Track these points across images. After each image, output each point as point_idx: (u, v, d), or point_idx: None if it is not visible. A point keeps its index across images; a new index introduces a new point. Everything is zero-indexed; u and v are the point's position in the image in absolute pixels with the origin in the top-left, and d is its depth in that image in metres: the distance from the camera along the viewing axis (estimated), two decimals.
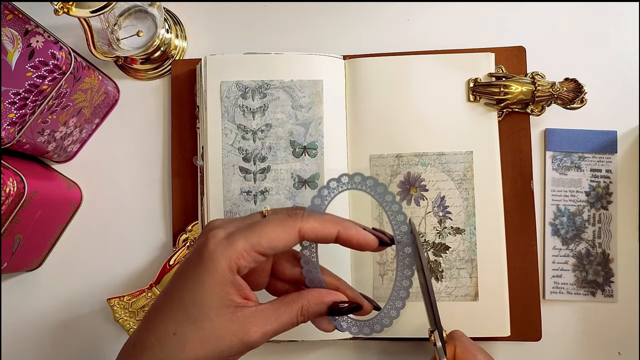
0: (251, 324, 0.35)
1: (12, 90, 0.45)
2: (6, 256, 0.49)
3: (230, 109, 0.53)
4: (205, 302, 0.34)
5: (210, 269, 0.34)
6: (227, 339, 0.34)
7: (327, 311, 0.37)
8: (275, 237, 0.35)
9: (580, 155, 0.54)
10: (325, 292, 0.38)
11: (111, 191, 0.57)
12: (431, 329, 0.41)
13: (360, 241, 0.36)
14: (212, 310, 0.34)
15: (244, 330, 0.35)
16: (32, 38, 0.46)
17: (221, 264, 0.34)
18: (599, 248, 0.53)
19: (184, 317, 0.34)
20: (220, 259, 0.34)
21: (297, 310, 0.36)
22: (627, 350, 0.53)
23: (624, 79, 0.56)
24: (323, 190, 0.39)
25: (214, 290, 0.34)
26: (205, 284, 0.34)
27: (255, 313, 0.35)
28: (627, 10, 0.56)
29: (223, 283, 0.34)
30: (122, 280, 0.56)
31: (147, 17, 0.56)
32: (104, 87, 0.55)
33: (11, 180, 0.45)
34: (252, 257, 0.35)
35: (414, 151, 0.53)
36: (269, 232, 0.35)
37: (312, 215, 0.36)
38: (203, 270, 0.34)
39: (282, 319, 0.36)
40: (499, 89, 0.52)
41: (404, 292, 0.39)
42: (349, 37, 0.58)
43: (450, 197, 0.53)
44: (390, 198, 0.38)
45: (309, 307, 0.37)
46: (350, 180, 0.39)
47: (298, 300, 0.37)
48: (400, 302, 0.39)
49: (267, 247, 0.35)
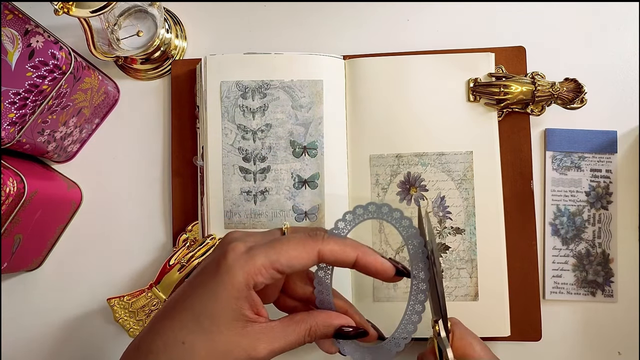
0: (260, 340, 0.35)
1: (12, 90, 0.45)
2: (6, 256, 0.49)
3: (230, 109, 0.53)
4: (218, 314, 0.34)
5: (226, 282, 0.34)
6: (235, 352, 0.35)
7: (333, 334, 0.38)
8: (294, 255, 0.35)
9: (580, 155, 0.54)
10: (334, 315, 0.38)
11: (111, 191, 0.57)
12: (435, 319, 0.41)
13: (378, 268, 0.37)
14: (224, 323, 0.34)
15: (253, 346, 0.35)
16: (32, 38, 0.46)
17: (238, 278, 0.34)
18: (599, 248, 0.53)
19: (195, 327, 0.34)
20: (238, 273, 0.34)
21: (305, 331, 0.37)
22: (627, 350, 0.53)
23: (624, 79, 0.56)
24: (347, 215, 0.39)
25: (229, 303, 0.34)
26: (220, 297, 0.34)
27: (264, 329, 0.35)
28: (627, 10, 0.56)
29: (238, 297, 0.34)
30: (122, 280, 0.56)
31: (147, 17, 0.56)
32: (104, 87, 0.55)
33: (11, 180, 0.45)
34: (270, 273, 0.35)
35: (414, 151, 0.53)
36: (290, 250, 0.35)
37: (332, 238, 0.36)
38: (219, 282, 0.34)
39: (290, 337, 0.36)
40: (499, 89, 0.52)
41: (412, 327, 0.39)
42: (349, 37, 0.58)
43: (450, 197, 0.53)
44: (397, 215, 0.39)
45: (317, 329, 0.37)
46: (377, 209, 0.39)
47: (307, 320, 0.37)
48: (407, 336, 0.39)
49: (286, 266, 0.35)
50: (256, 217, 0.53)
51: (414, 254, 0.38)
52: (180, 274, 0.52)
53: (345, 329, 0.38)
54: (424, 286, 0.39)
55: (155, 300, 0.52)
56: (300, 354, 0.54)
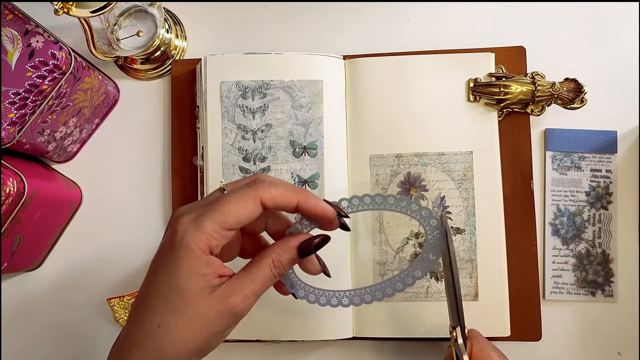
0: (230, 294, 0.35)
1: (12, 90, 0.45)
2: (6, 256, 0.49)
3: (230, 109, 0.53)
4: (183, 288, 0.34)
5: (182, 255, 0.34)
6: (211, 316, 0.34)
7: (298, 255, 0.37)
8: (239, 211, 0.35)
9: (580, 155, 0.54)
10: (288, 238, 0.38)
11: (111, 191, 0.57)
12: (453, 325, 0.41)
13: (319, 212, 0.37)
14: (191, 294, 0.34)
15: (226, 303, 0.35)
16: (32, 38, 0.46)
17: (193, 248, 0.34)
18: (599, 248, 0.53)
19: (165, 307, 0.34)
20: (191, 243, 0.34)
21: (268, 264, 0.36)
22: (627, 350, 0.53)
23: (624, 79, 0.56)
24: (354, 199, 0.39)
25: (190, 274, 0.34)
26: (180, 270, 0.34)
27: (231, 283, 0.35)
28: (627, 10, 0.56)
29: (198, 266, 0.34)
30: (122, 280, 0.56)
31: (147, 17, 0.56)
32: (104, 87, 0.55)
33: (11, 180, 0.45)
34: (222, 234, 0.35)
35: (414, 151, 0.53)
36: (232, 207, 0.35)
37: (272, 184, 0.36)
38: (176, 258, 0.35)
39: (257, 277, 0.36)
40: (499, 89, 0.52)
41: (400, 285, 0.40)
42: (349, 37, 0.58)
43: (450, 197, 0.53)
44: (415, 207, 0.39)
45: (280, 257, 0.37)
46: (372, 200, 0.39)
47: (267, 254, 0.37)
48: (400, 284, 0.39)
49: (234, 223, 0.35)
50: None
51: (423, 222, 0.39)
52: None
53: (307, 243, 0.37)
54: (431, 257, 0.39)
55: None
56: (301, 352, 0.54)
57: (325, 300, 0.39)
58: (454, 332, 0.42)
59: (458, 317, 0.41)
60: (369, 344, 0.54)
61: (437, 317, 0.51)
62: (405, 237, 0.53)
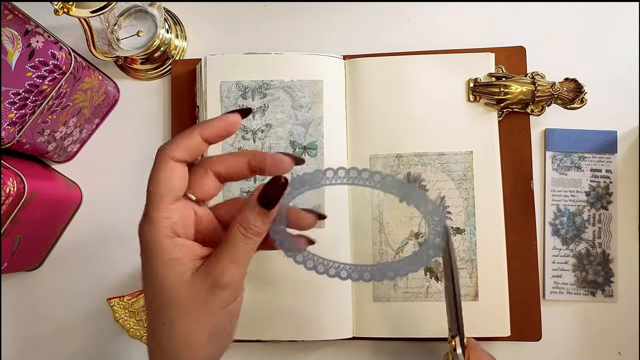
0: (209, 267, 0.34)
1: (12, 90, 0.45)
2: (6, 256, 0.49)
3: (230, 109, 0.53)
4: (163, 277, 0.34)
5: (151, 250, 0.35)
6: (201, 296, 0.34)
7: (260, 206, 0.35)
8: (163, 180, 0.35)
9: (580, 155, 0.54)
10: (252, 194, 0.36)
11: (111, 191, 0.57)
12: (452, 334, 0.41)
13: (273, 161, 0.36)
14: (173, 281, 0.34)
15: (207, 276, 0.34)
16: (32, 38, 0.46)
17: (153, 239, 0.35)
18: (599, 248, 0.53)
19: (160, 303, 0.34)
20: (149, 236, 0.35)
21: (237, 228, 0.35)
22: (627, 350, 0.53)
23: (624, 79, 0.56)
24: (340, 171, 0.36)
25: (164, 263, 0.34)
26: (156, 264, 0.34)
27: (209, 258, 0.35)
28: (627, 10, 0.56)
29: (167, 252, 0.34)
30: (122, 280, 0.56)
31: (147, 17, 0.56)
32: (104, 87, 0.55)
33: (11, 180, 0.45)
34: (169, 209, 0.35)
35: (414, 151, 0.53)
36: (156, 181, 0.36)
37: (216, 156, 0.36)
38: (149, 255, 0.35)
39: (229, 243, 0.34)
40: (499, 89, 0.52)
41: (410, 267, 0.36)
42: (349, 37, 0.58)
43: (450, 197, 0.53)
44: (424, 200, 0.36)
45: (245, 217, 0.35)
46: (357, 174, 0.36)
47: (234, 220, 0.35)
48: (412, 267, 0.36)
49: (170, 190, 0.35)
50: None
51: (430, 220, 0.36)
52: None
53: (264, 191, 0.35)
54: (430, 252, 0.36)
55: None
56: (301, 352, 0.54)
57: (323, 269, 0.36)
58: (452, 341, 0.42)
59: (457, 327, 0.41)
60: (368, 344, 0.54)
61: (437, 317, 0.51)
62: (405, 237, 0.53)
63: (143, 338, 0.52)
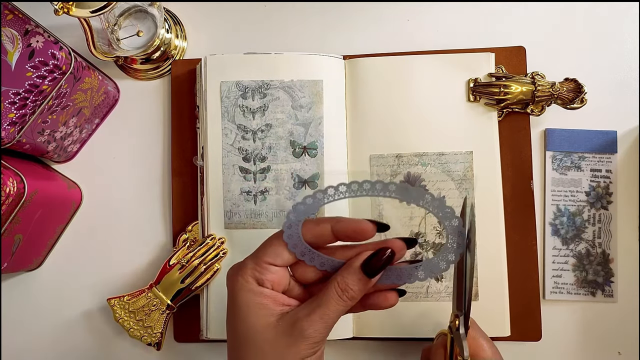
0: (296, 319, 0.35)
1: (12, 90, 0.45)
2: (6, 256, 0.49)
3: (230, 109, 0.53)
4: (245, 317, 0.36)
5: (236, 291, 0.36)
6: (282, 343, 0.35)
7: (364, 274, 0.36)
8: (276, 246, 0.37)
9: (580, 155, 0.54)
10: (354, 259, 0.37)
11: (111, 191, 0.57)
12: (456, 314, 0.40)
13: (356, 228, 0.37)
14: (256, 322, 0.35)
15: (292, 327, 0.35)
16: (32, 38, 0.46)
17: (240, 281, 0.36)
18: (599, 248, 0.53)
19: (241, 344, 0.36)
20: (238, 278, 0.36)
21: (334, 287, 0.36)
22: (627, 350, 0.53)
23: (624, 79, 0.56)
24: (341, 186, 0.37)
25: (248, 304, 0.36)
26: (239, 303, 0.36)
27: (298, 309, 0.36)
28: (627, 10, 0.56)
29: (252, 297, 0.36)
30: (122, 280, 0.56)
31: (147, 17, 0.56)
32: (104, 87, 0.55)
33: (11, 180, 0.45)
34: (264, 268, 0.36)
35: (414, 151, 0.53)
36: (270, 243, 0.37)
37: (309, 220, 0.37)
38: (232, 296, 0.37)
39: (323, 300, 0.36)
40: (499, 89, 0.52)
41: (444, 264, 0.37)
42: (349, 37, 0.58)
43: (450, 197, 0.53)
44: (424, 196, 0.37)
45: (344, 278, 0.36)
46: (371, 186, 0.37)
47: (333, 278, 0.37)
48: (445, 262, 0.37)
49: (273, 255, 0.36)
50: (256, 217, 0.53)
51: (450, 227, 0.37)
52: (181, 274, 0.52)
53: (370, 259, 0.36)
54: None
55: (155, 300, 0.52)
56: None
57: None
58: (456, 320, 0.40)
59: (464, 306, 0.39)
60: (369, 344, 0.54)
61: (438, 317, 0.51)
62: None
63: (143, 338, 0.52)
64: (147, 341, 0.52)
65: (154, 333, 0.52)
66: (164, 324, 0.52)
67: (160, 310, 0.52)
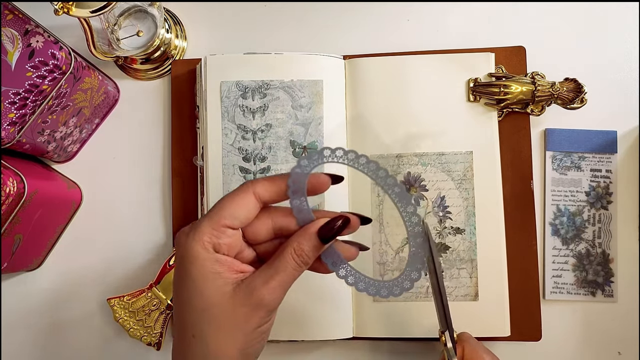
0: (254, 287, 0.34)
1: (12, 90, 0.45)
2: (6, 256, 0.49)
3: (230, 109, 0.53)
4: (202, 290, 0.34)
5: (190, 260, 0.34)
6: (239, 313, 0.34)
7: (320, 241, 0.36)
8: (234, 206, 0.35)
9: (580, 155, 0.54)
10: (308, 225, 0.37)
11: (111, 191, 0.57)
12: (442, 330, 0.42)
13: (312, 181, 0.37)
14: (213, 295, 0.34)
15: (250, 296, 0.34)
16: (32, 38, 0.46)
17: (195, 248, 0.34)
18: (599, 248, 0.53)
19: (193, 316, 0.34)
20: (193, 245, 0.34)
21: (290, 253, 0.35)
22: (627, 350, 0.53)
23: (624, 79, 0.56)
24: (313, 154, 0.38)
25: (205, 276, 0.34)
26: (194, 276, 0.34)
27: (253, 276, 0.35)
28: (627, 10, 0.56)
29: (208, 266, 0.34)
30: (122, 280, 0.56)
31: (147, 17, 0.56)
32: (104, 87, 0.55)
33: (11, 180, 0.45)
34: (221, 231, 0.35)
35: (414, 151, 0.53)
36: (226, 204, 0.35)
37: (261, 178, 0.37)
38: (186, 265, 0.35)
39: (280, 267, 0.35)
40: (499, 89, 0.52)
41: (419, 265, 0.38)
42: (349, 37, 0.58)
43: (450, 197, 0.53)
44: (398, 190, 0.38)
45: (300, 244, 0.36)
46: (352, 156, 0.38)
47: (289, 244, 0.36)
48: (416, 273, 0.38)
49: (231, 218, 0.35)
50: None
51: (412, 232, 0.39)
52: None
53: (326, 226, 0.36)
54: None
55: (155, 300, 0.52)
56: (301, 352, 0.54)
57: (364, 286, 0.38)
58: (443, 336, 0.42)
59: (446, 322, 0.42)
60: (369, 344, 0.54)
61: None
62: (405, 237, 0.53)
63: (143, 338, 0.52)
64: (147, 341, 0.52)
65: (154, 333, 0.52)
66: (164, 324, 0.52)
67: (160, 310, 0.52)
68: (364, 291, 0.38)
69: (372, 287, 0.38)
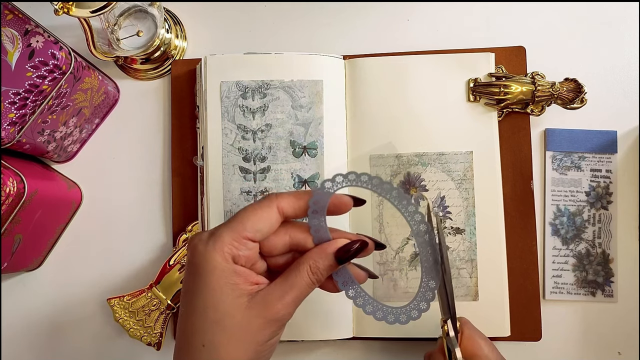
0: (269, 301, 0.35)
1: (12, 90, 0.45)
2: (6, 256, 0.49)
3: (230, 109, 0.53)
4: (217, 301, 0.34)
5: (208, 269, 0.34)
6: (253, 325, 0.34)
7: (336, 262, 0.37)
8: (257, 219, 0.36)
9: (580, 155, 0.54)
10: (326, 244, 0.37)
11: (111, 191, 0.57)
12: (444, 318, 0.41)
13: (335, 201, 0.38)
14: (228, 305, 0.34)
15: (265, 309, 0.35)
16: (32, 38, 0.46)
17: (216, 259, 0.34)
18: (599, 248, 0.53)
19: (205, 325, 0.34)
20: (213, 255, 0.34)
21: (306, 270, 0.36)
22: (627, 350, 0.53)
23: (624, 79, 0.56)
24: (337, 177, 0.39)
25: (221, 286, 0.34)
26: (211, 286, 0.34)
27: (269, 290, 0.35)
28: (627, 11, 0.56)
29: (226, 276, 0.34)
30: (122, 280, 0.56)
31: (147, 17, 0.56)
32: (104, 87, 0.55)
33: (11, 180, 0.45)
34: (242, 243, 0.35)
35: (414, 151, 0.53)
36: (250, 216, 0.36)
37: (284, 192, 0.37)
38: (203, 274, 0.35)
39: (296, 283, 0.36)
40: (499, 89, 0.52)
41: (430, 294, 0.39)
42: (349, 37, 0.58)
43: (450, 197, 0.53)
44: (396, 194, 0.39)
45: (317, 262, 0.36)
46: (356, 178, 0.39)
47: (304, 261, 0.37)
48: (425, 303, 0.39)
49: (253, 230, 0.35)
50: None
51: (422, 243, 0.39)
52: (181, 274, 0.52)
53: (344, 249, 0.37)
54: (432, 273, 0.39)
55: (155, 300, 0.52)
56: (301, 352, 0.54)
57: (371, 310, 0.38)
58: (445, 325, 0.41)
59: (449, 310, 0.41)
60: (369, 344, 0.54)
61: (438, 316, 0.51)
62: (405, 237, 0.53)
63: (143, 338, 0.52)
64: (147, 341, 0.52)
65: (154, 333, 0.52)
66: (164, 324, 0.52)
67: (160, 310, 0.52)
68: (371, 314, 0.38)
69: (379, 312, 0.38)
